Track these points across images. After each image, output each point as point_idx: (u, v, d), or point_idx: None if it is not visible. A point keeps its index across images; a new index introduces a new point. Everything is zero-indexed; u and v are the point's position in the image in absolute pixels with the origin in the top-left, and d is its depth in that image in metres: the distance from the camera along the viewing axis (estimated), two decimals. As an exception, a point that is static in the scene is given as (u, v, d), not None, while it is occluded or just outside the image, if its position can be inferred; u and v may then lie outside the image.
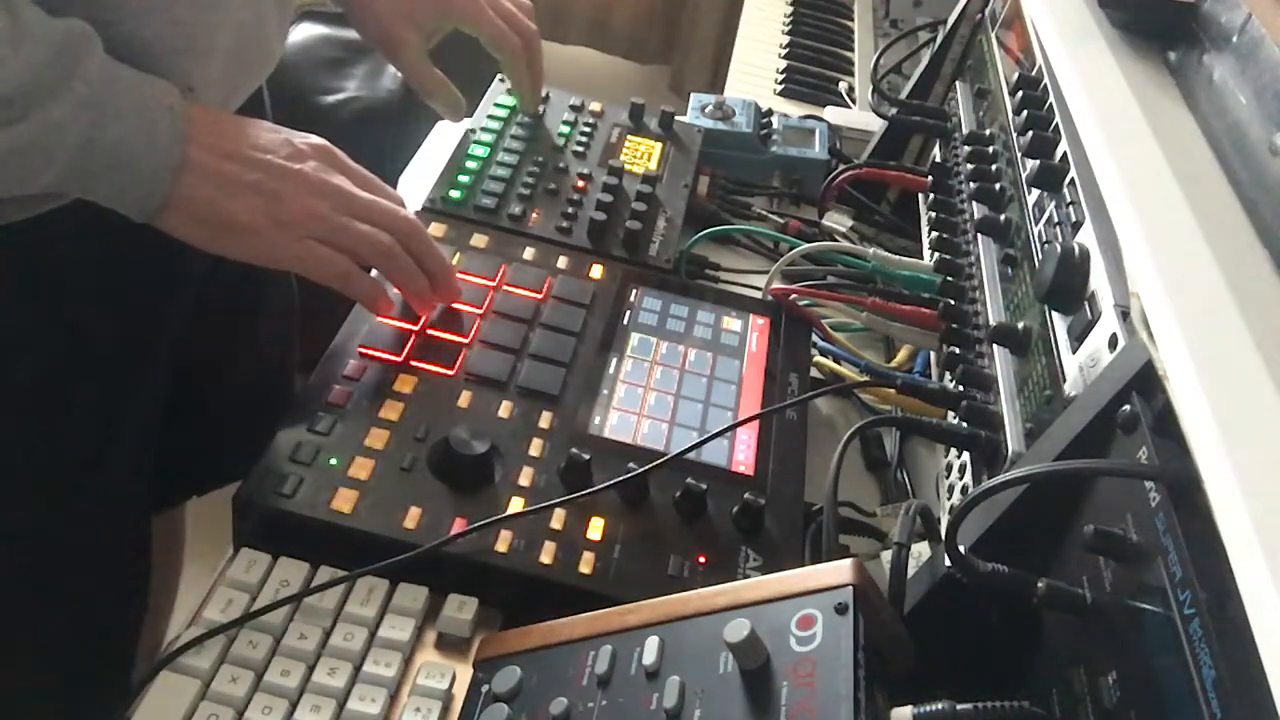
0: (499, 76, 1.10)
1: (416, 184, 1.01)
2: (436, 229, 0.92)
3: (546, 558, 0.67)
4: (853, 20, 1.67)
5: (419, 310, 0.80)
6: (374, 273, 0.77)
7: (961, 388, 0.75)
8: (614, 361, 0.83)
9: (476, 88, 1.10)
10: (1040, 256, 0.72)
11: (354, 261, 0.74)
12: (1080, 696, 0.50)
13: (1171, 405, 0.51)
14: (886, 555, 0.63)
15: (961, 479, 0.73)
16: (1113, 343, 0.59)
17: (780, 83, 1.46)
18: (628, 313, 0.88)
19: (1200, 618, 0.43)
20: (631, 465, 0.72)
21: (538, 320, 0.85)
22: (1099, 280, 0.63)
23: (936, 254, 0.89)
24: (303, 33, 1.88)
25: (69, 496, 0.81)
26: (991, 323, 0.77)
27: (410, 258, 0.77)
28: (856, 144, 1.24)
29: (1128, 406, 0.53)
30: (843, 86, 1.47)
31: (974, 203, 0.87)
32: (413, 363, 0.78)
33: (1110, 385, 0.55)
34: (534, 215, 0.97)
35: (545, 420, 0.76)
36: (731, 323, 0.90)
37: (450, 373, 0.78)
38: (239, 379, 1.01)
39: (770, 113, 1.23)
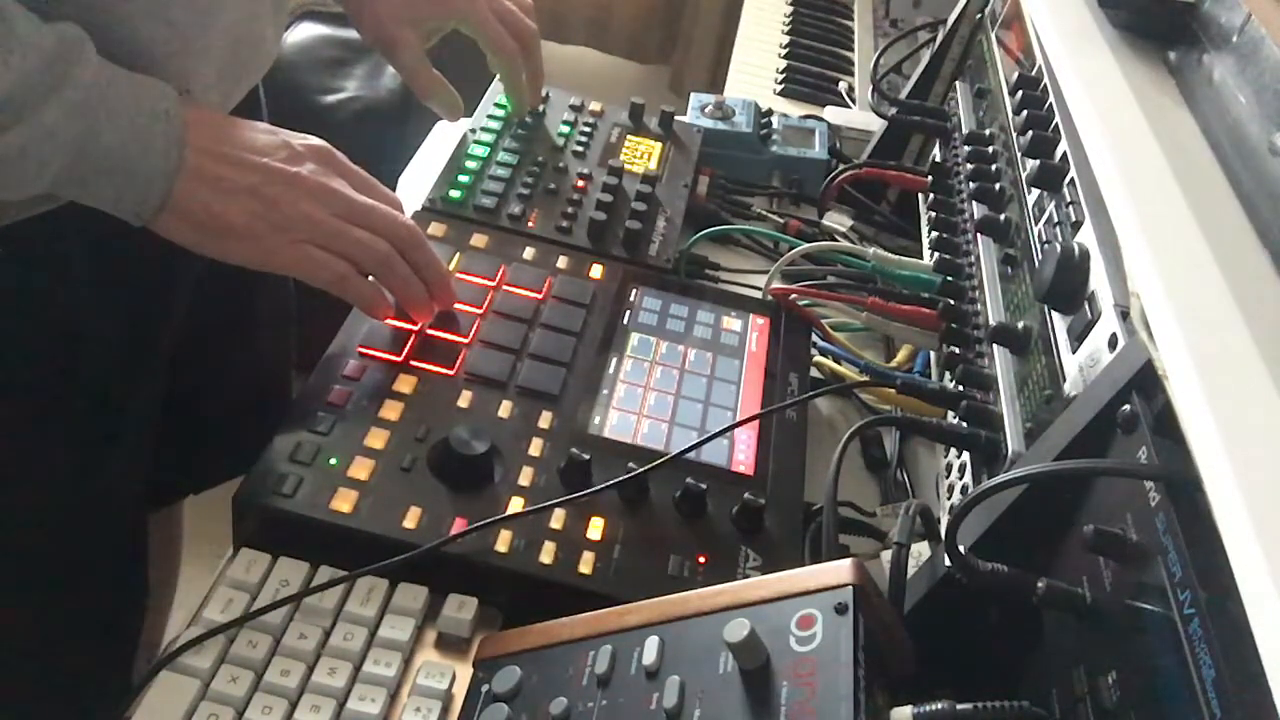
0: (498, 76, 1.10)
1: (416, 184, 1.01)
2: (436, 229, 0.92)
3: (546, 558, 0.67)
4: (853, 20, 1.67)
5: (415, 318, 0.80)
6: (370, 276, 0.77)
7: (961, 388, 0.75)
8: (614, 361, 0.83)
9: (476, 88, 1.10)
10: (1040, 256, 0.72)
11: (351, 266, 0.74)
12: (1080, 696, 0.50)
13: (1171, 405, 0.50)
14: (886, 555, 0.63)
15: (961, 479, 0.73)
16: (1113, 343, 0.59)
17: (780, 83, 1.46)
18: (628, 313, 0.88)
19: (1200, 618, 0.43)
20: (631, 465, 0.72)
21: (538, 320, 0.85)
22: (1099, 280, 0.63)
23: (936, 254, 0.89)
24: (303, 33, 1.88)
25: (67, 495, 0.81)
26: (991, 323, 0.77)
27: (408, 265, 0.77)
28: (856, 144, 1.24)
29: (1128, 406, 0.53)
30: (843, 86, 1.47)
31: (974, 203, 0.87)
32: (413, 363, 0.78)
33: (1110, 385, 0.55)
34: (533, 215, 0.97)
35: (545, 420, 0.76)
36: (731, 323, 0.90)
37: (450, 373, 0.78)
38: (236, 378, 1.01)
39: (770, 113, 1.23)
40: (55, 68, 0.61)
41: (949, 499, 0.75)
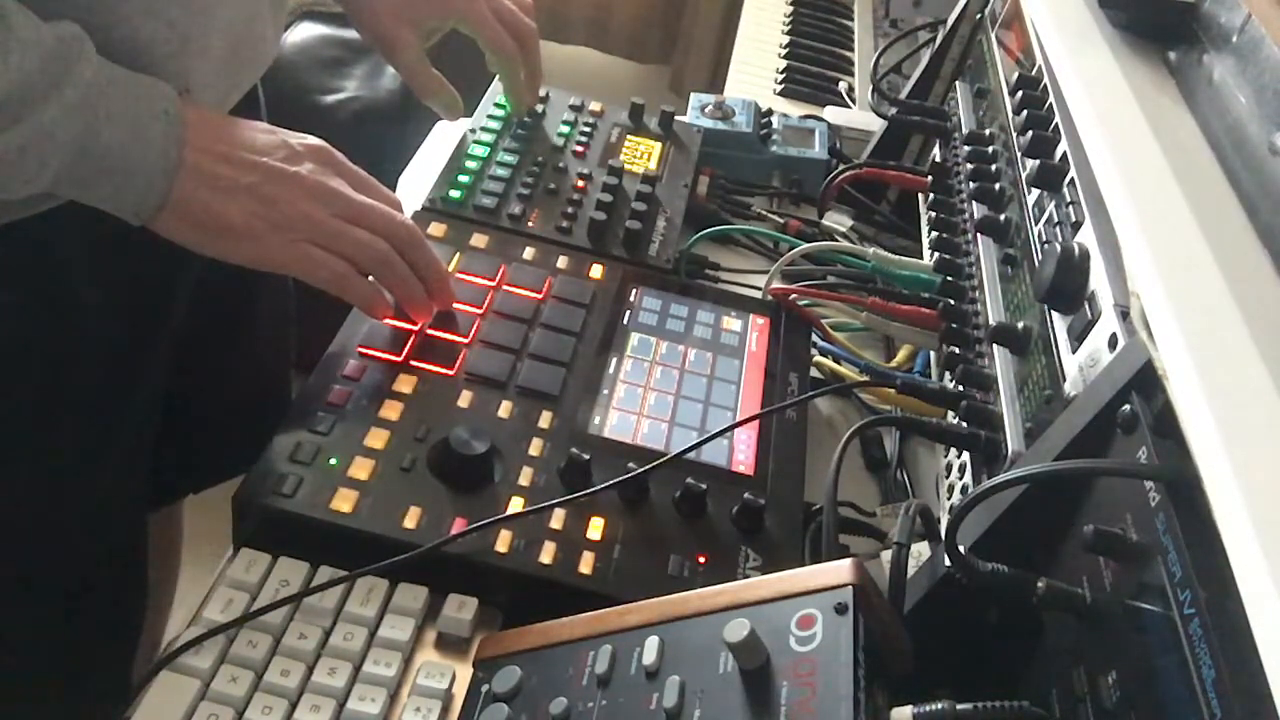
0: (497, 76, 1.10)
1: (416, 184, 1.01)
2: (436, 229, 0.92)
3: (546, 558, 0.67)
4: (853, 20, 1.67)
5: (415, 318, 0.80)
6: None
7: (961, 388, 0.75)
8: (614, 361, 0.83)
9: (476, 87, 1.10)
10: (1040, 256, 0.72)
11: (350, 266, 0.74)
12: (1080, 696, 0.50)
13: (1171, 405, 0.50)
14: (886, 555, 0.63)
15: (961, 479, 0.73)
16: (1112, 343, 0.59)
17: (780, 83, 1.46)
18: (628, 313, 0.88)
19: (1200, 618, 0.43)
20: (631, 465, 0.72)
21: (538, 320, 0.85)
22: (1099, 280, 0.63)
23: (936, 254, 0.89)
24: (302, 32, 1.89)
25: (67, 494, 0.81)
26: (991, 323, 0.77)
27: (407, 265, 0.77)
28: (856, 144, 1.24)
29: (1128, 406, 0.53)
30: (843, 86, 1.47)
31: (974, 203, 0.87)
32: (412, 362, 0.78)
33: (1110, 385, 0.55)
34: (534, 215, 0.97)
35: (545, 420, 0.76)
36: (731, 323, 0.90)
37: (450, 373, 0.78)
38: (236, 377, 1.01)
39: (770, 113, 1.23)
40: (54, 67, 0.61)
41: (949, 499, 0.75)
